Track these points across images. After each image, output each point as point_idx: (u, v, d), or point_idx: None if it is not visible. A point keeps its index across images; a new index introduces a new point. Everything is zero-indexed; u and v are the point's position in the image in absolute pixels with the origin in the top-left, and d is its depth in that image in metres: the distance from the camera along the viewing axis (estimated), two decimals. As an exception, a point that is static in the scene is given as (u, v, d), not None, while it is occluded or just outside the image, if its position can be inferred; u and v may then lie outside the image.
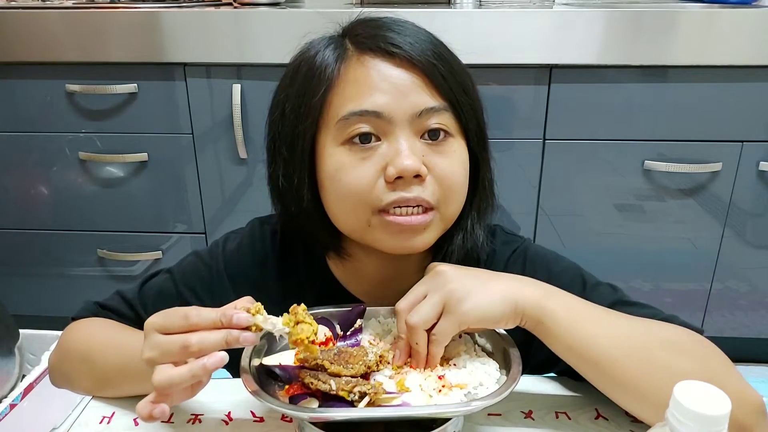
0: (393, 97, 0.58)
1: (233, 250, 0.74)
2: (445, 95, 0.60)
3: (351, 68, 0.60)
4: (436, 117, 0.59)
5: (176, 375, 0.51)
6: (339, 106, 0.59)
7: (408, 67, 0.58)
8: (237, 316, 0.52)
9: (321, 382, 0.54)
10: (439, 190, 0.60)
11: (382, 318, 0.66)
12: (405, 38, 0.59)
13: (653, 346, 0.57)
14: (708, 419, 0.40)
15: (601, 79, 1.54)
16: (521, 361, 0.57)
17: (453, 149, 0.61)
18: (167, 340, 0.52)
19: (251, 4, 1.67)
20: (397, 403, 0.54)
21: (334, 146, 0.60)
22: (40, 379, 1.19)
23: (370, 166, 0.59)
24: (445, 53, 0.62)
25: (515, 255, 0.73)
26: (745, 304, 1.72)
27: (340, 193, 0.61)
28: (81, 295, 1.94)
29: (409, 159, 0.57)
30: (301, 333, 0.54)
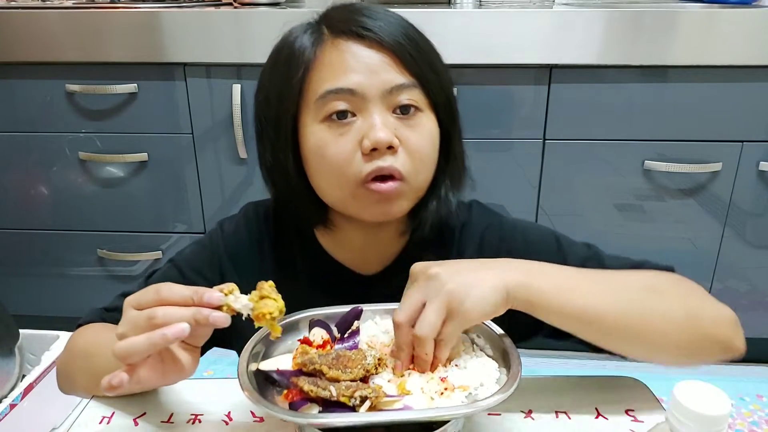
0: (365, 76, 0.63)
1: (231, 232, 0.79)
2: (413, 72, 0.64)
3: (327, 51, 0.64)
4: (406, 93, 0.64)
5: (135, 342, 0.52)
6: (317, 87, 0.64)
7: (378, 48, 0.63)
8: (208, 295, 0.53)
9: (321, 389, 0.53)
10: (410, 161, 0.65)
11: (379, 319, 0.66)
12: (375, 21, 0.64)
13: (636, 295, 0.62)
14: (708, 419, 0.40)
15: (601, 79, 1.54)
16: (520, 360, 0.57)
17: (422, 123, 0.66)
18: (136, 313, 0.53)
19: (251, 4, 1.67)
20: (398, 407, 0.53)
21: (315, 124, 0.65)
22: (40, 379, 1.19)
23: (348, 140, 0.64)
24: (413, 34, 0.66)
25: (492, 226, 0.78)
26: (745, 304, 1.72)
27: (323, 167, 0.66)
28: (81, 295, 1.95)
29: (382, 131, 0.62)
30: (264, 308, 0.53)
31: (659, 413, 0.66)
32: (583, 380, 0.72)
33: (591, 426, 0.64)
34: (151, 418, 0.67)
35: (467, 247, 0.76)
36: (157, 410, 0.68)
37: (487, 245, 0.76)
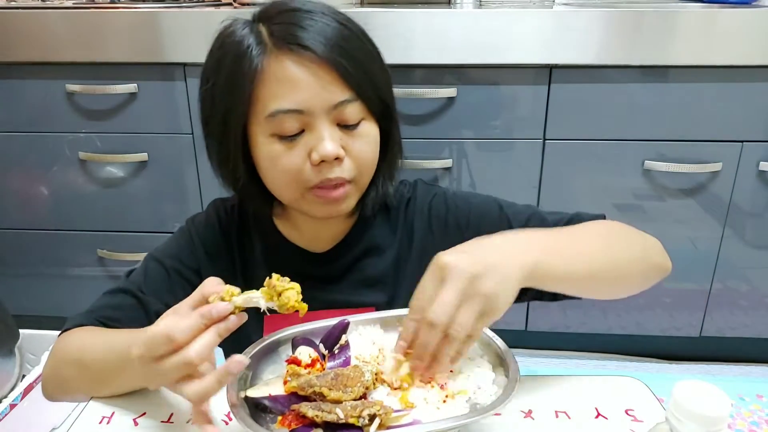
0: (310, 94, 0.66)
1: (201, 221, 0.84)
2: (353, 87, 0.67)
3: (271, 64, 0.66)
4: (350, 107, 0.68)
5: (206, 388, 0.53)
6: (265, 102, 0.67)
7: (319, 66, 0.66)
8: (216, 310, 0.54)
9: (326, 413, 0.51)
10: (355, 168, 0.70)
11: (362, 329, 0.65)
12: (315, 36, 0.66)
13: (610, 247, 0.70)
14: (708, 419, 0.40)
15: (601, 79, 1.54)
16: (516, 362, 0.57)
17: (365, 131, 0.71)
18: (167, 365, 0.53)
19: (251, 4, 1.67)
20: (407, 421, 0.52)
21: (265, 137, 0.69)
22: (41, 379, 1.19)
23: (298, 153, 0.68)
24: (351, 45, 0.68)
25: (437, 197, 0.83)
26: (745, 304, 1.72)
27: (276, 176, 0.71)
28: (81, 295, 1.94)
29: (330, 146, 0.67)
30: (289, 301, 0.54)
31: (659, 413, 0.66)
32: (583, 380, 0.72)
33: (591, 426, 0.64)
34: (151, 418, 0.67)
35: (415, 219, 0.82)
36: (157, 410, 0.68)
37: (435, 215, 0.81)
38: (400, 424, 0.52)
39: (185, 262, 0.80)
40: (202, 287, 0.56)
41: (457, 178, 1.64)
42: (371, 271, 0.81)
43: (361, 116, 0.70)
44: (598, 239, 0.71)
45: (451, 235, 0.79)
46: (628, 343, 1.86)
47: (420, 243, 0.81)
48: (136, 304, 0.76)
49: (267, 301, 0.55)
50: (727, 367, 1.82)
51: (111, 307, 0.76)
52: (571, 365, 1.83)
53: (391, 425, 0.52)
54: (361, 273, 0.81)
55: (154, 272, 0.79)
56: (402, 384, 0.58)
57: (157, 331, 0.53)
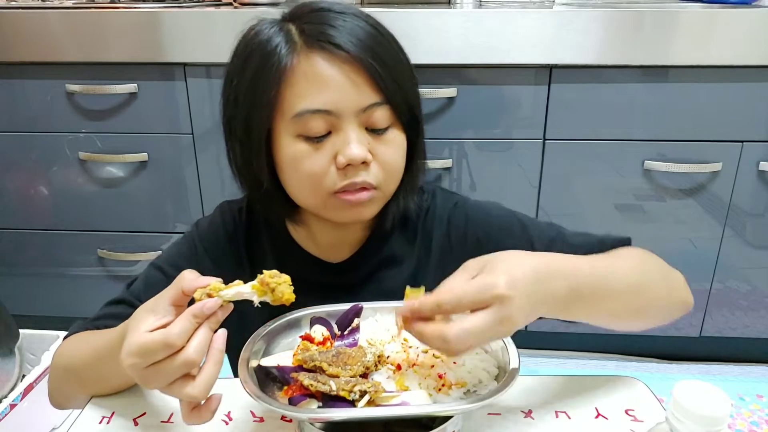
0: (340, 95, 0.64)
1: (206, 226, 0.82)
2: (383, 92, 0.66)
3: (301, 63, 0.64)
4: (379, 111, 0.66)
5: (210, 376, 0.53)
6: (292, 102, 0.65)
7: (351, 66, 0.64)
8: (207, 307, 0.54)
9: (320, 384, 0.53)
10: (382, 173, 0.68)
11: (379, 316, 0.66)
12: (347, 36, 0.64)
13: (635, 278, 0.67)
14: (708, 419, 0.40)
15: (601, 79, 1.54)
16: (520, 358, 0.57)
17: (393, 138, 0.69)
18: (168, 367, 0.52)
19: (251, 4, 1.68)
20: (397, 402, 0.54)
21: (290, 137, 0.66)
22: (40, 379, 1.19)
23: (323, 155, 0.66)
24: (383, 49, 0.67)
25: (457, 208, 0.80)
26: (745, 304, 1.72)
27: (298, 178, 0.68)
28: (81, 295, 1.95)
29: (357, 148, 0.65)
30: (283, 295, 0.55)
31: (659, 413, 0.66)
32: (583, 380, 0.72)
33: (591, 426, 0.64)
34: (151, 418, 0.67)
35: (434, 230, 0.79)
36: (157, 410, 0.68)
37: (454, 226, 0.79)
38: (390, 404, 0.53)
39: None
40: (180, 282, 0.55)
41: (457, 179, 1.64)
42: (389, 282, 0.78)
43: (390, 122, 0.68)
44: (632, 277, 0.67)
45: (470, 247, 0.77)
46: (628, 343, 1.86)
47: (438, 255, 0.79)
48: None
49: (260, 296, 0.56)
50: (727, 367, 1.82)
51: (110, 317, 0.75)
52: (571, 365, 1.83)
53: (380, 404, 0.53)
54: (379, 284, 0.78)
55: (154, 281, 0.76)
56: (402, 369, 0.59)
57: (151, 340, 0.52)
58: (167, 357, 0.52)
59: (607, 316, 0.65)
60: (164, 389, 0.53)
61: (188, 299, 0.55)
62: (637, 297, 0.66)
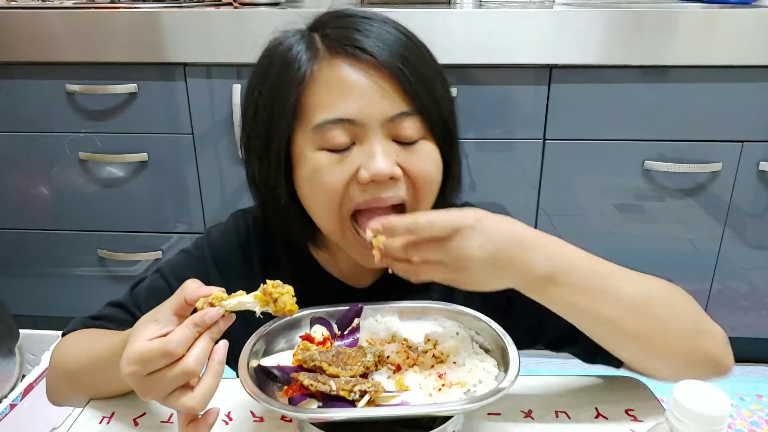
0: (365, 103, 0.59)
1: (218, 238, 0.77)
2: (413, 100, 0.61)
3: (323, 70, 0.60)
4: (408, 121, 0.61)
5: (209, 387, 0.52)
6: (313, 111, 0.60)
7: (377, 72, 0.59)
8: (209, 316, 0.53)
9: (320, 384, 0.53)
10: (413, 190, 0.62)
11: (380, 317, 0.66)
12: (372, 39, 0.60)
13: (645, 297, 0.61)
14: (708, 419, 0.40)
15: (601, 79, 1.54)
16: (519, 358, 0.57)
17: (425, 149, 0.63)
18: (167, 377, 0.51)
19: (251, 4, 1.67)
20: (396, 402, 0.54)
21: (310, 150, 0.61)
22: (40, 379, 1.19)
23: (345, 168, 0.61)
24: (413, 56, 0.62)
25: None
26: (745, 304, 1.72)
27: (317, 194, 0.63)
28: (81, 295, 1.95)
29: (383, 162, 0.59)
30: (285, 306, 0.55)
31: (659, 413, 0.66)
32: (583, 380, 0.72)
33: (591, 426, 0.64)
34: (151, 418, 0.67)
35: None
36: (157, 410, 0.68)
37: None
38: (390, 404, 0.53)
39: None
40: (183, 291, 0.55)
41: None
42: None
43: (421, 134, 0.62)
44: (640, 286, 0.62)
45: None
46: (628, 343, 1.86)
47: None
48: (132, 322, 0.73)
49: (262, 306, 0.55)
50: (727, 367, 1.81)
51: (108, 319, 0.75)
52: (571, 365, 1.83)
53: (380, 404, 0.53)
54: None
55: (157, 290, 0.74)
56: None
57: (151, 348, 0.51)
58: (166, 366, 0.51)
59: (597, 323, 0.60)
60: (163, 400, 0.52)
61: (191, 309, 0.54)
62: (638, 315, 0.59)
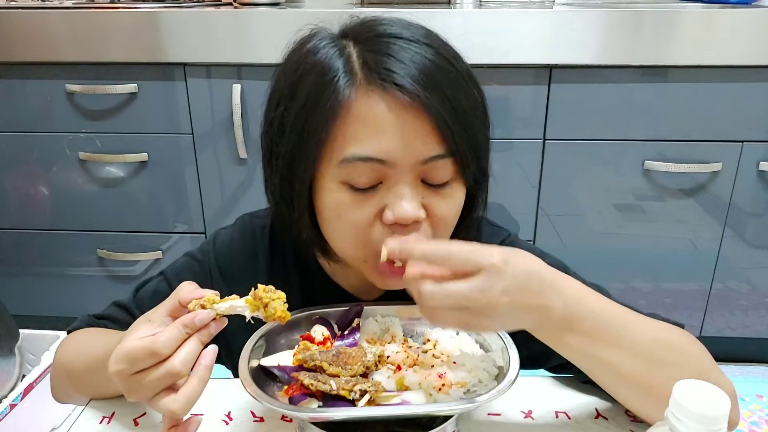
0: (398, 144, 0.56)
1: (224, 243, 0.76)
2: (449, 142, 0.57)
3: (359, 101, 0.56)
4: (441, 164, 0.58)
5: (192, 391, 0.51)
6: (343, 143, 0.57)
7: (414, 111, 0.56)
8: (199, 318, 0.52)
9: (321, 383, 0.54)
10: (432, 232, 0.61)
11: (380, 317, 0.66)
12: (414, 73, 0.55)
13: (662, 353, 0.58)
14: (707, 418, 0.40)
15: (601, 79, 1.54)
16: (519, 358, 0.57)
17: (453, 192, 0.61)
18: (152, 377, 0.51)
19: (251, 4, 1.67)
20: (396, 402, 0.54)
21: (334, 182, 0.59)
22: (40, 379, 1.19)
23: (370, 207, 0.59)
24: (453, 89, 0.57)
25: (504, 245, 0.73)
26: (745, 304, 1.72)
27: (339, 230, 0.61)
28: (81, 295, 1.95)
29: (409, 205, 0.57)
30: (276, 312, 0.54)
31: (659, 413, 0.66)
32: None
33: (591, 426, 0.64)
34: (151, 418, 0.67)
35: None
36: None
37: None
38: (390, 403, 0.54)
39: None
40: (178, 293, 0.54)
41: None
42: None
43: (452, 176, 0.59)
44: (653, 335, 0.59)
45: None
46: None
47: None
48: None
49: (252, 311, 0.55)
50: (727, 367, 1.82)
51: (111, 320, 0.75)
52: (571, 365, 1.83)
53: (381, 403, 0.53)
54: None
55: (161, 294, 0.71)
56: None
57: (138, 346, 0.50)
58: (152, 366, 0.50)
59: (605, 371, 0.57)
60: (148, 401, 0.52)
61: (185, 311, 0.54)
62: (648, 366, 0.56)
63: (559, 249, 1.67)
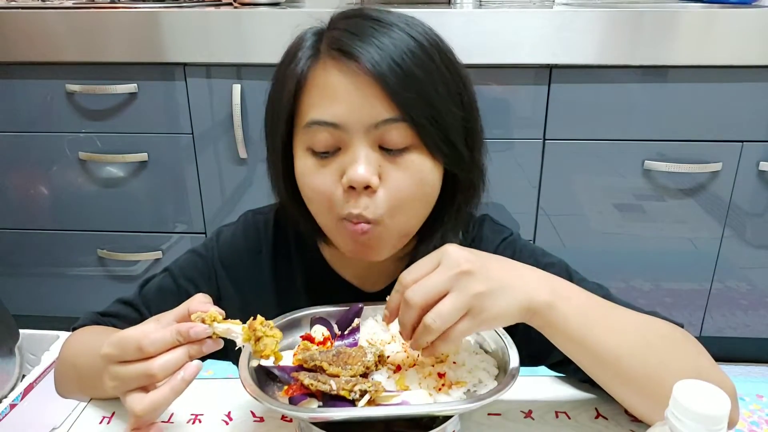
0: (349, 108, 0.59)
1: (227, 239, 0.78)
2: (400, 106, 0.59)
3: (317, 72, 0.61)
4: (395, 129, 0.59)
5: (160, 398, 0.51)
6: (305, 111, 0.62)
7: (365, 76, 0.58)
8: (194, 331, 0.52)
9: (321, 383, 0.53)
10: (386, 204, 0.61)
11: (380, 317, 0.66)
12: (368, 47, 0.59)
13: (654, 344, 0.59)
14: (708, 418, 0.40)
15: (601, 79, 1.54)
16: (519, 358, 0.57)
17: (411, 162, 0.61)
18: (128, 371, 0.52)
19: (251, 4, 1.67)
20: (397, 402, 0.54)
21: (302, 150, 0.63)
22: (40, 379, 1.19)
23: (330, 173, 0.61)
24: (411, 61, 0.59)
25: (505, 243, 0.76)
26: (745, 304, 1.72)
27: (307, 196, 0.64)
28: (81, 295, 1.95)
29: (362, 169, 0.59)
30: (265, 349, 0.54)
31: (659, 413, 0.66)
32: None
33: (591, 426, 0.64)
34: (151, 418, 0.67)
35: None
36: (157, 410, 0.68)
37: None
38: (390, 403, 0.53)
39: (200, 286, 0.74)
40: (189, 303, 0.55)
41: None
42: None
43: (409, 143, 0.60)
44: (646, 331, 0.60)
45: None
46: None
47: None
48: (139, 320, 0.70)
49: (244, 341, 0.55)
50: (727, 367, 1.82)
51: (116, 317, 0.75)
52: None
53: (381, 403, 0.53)
54: None
55: (166, 291, 0.75)
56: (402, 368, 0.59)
57: (129, 336, 0.52)
58: (135, 360, 0.51)
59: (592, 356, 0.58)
60: (121, 395, 0.53)
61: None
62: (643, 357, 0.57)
63: (559, 249, 1.68)
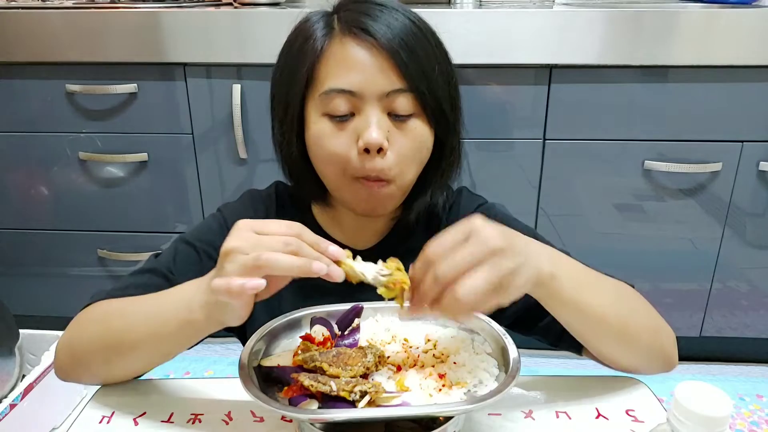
0: (365, 78, 0.67)
1: (235, 209, 0.83)
2: (407, 79, 0.68)
3: (334, 47, 0.69)
4: (402, 97, 0.68)
5: (284, 259, 0.54)
6: (322, 80, 0.69)
7: (378, 52, 0.67)
8: (333, 248, 0.57)
9: (321, 384, 0.53)
10: (396, 164, 0.70)
11: (380, 317, 0.66)
12: (380, 26, 0.68)
13: (623, 298, 0.70)
14: (709, 420, 0.40)
15: (601, 79, 1.54)
16: (520, 359, 0.57)
17: (413, 128, 0.70)
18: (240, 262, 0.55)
19: (251, 4, 1.67)
20: (397, 403, 0.54)
21: (317, 115, 0.70)
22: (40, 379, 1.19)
23: (346, 136, 0.69)
24: (414, 39, 0.69)
25: (480, 210, 0.82)
26: (745, 304, 1.72)
27: (322, 157, 0.71)
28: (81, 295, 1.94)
29: (375, 132, 0.67)
30: (402, 277, 0.57)
31: (660, 414, 0.66)
32: (583, 380, 0.72)
33: (591, 426, 0.64)
34: (151, 418, 0.67)
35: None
36: (157, 410, 0.68)
37: None
38: (390, 404, 0.53)
39: (217, 246, 0.76)
40: (301, 234, 0.57)
41: (457, 178, 1.64)
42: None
43: (413, 111, 0.69)
44: (617, 290, 0.71)
45: None
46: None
47: None
48: (165, 285, 0.70)
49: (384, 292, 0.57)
50: (727, 367, 1.82)
51: (138, 287, 0.72)
52: (571, 365, 1.83)
53: (381, 404, 0.53)
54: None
55: (184, 254, 0.78)
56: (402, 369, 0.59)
57: (264, 222, 0.57)
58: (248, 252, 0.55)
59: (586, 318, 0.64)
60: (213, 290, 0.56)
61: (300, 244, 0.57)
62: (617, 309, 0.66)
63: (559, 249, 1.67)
